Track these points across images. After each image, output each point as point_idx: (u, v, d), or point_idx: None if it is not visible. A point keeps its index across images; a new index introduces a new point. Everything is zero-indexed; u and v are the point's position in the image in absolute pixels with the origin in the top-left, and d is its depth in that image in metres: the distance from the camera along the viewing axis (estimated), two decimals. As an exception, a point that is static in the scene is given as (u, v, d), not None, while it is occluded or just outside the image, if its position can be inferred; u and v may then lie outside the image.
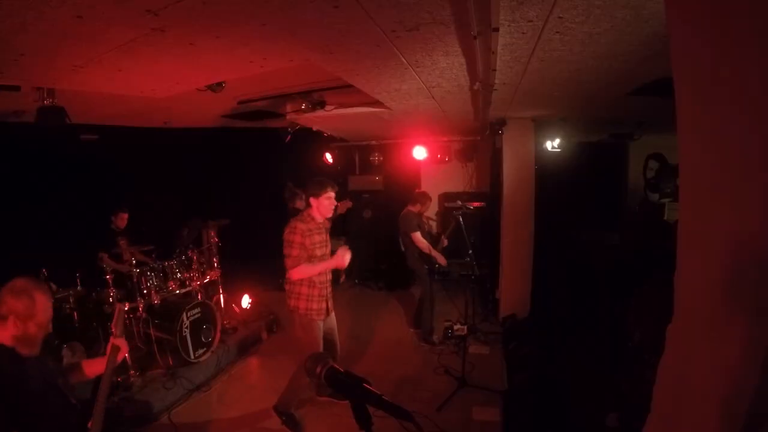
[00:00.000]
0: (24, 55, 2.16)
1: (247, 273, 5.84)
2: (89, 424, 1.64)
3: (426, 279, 4.59)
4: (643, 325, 2.44)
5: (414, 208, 4.71)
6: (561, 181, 7.23)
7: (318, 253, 3.02)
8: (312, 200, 3.00)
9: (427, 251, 4.49)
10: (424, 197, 4.80)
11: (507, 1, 1.66)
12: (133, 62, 2.39)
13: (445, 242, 4.76)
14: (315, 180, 3.05)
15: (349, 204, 5.01)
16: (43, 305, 1.60)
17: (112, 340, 1.83)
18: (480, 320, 5.10)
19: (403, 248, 4.75)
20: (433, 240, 4.79)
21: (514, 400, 3.31)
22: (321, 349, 2.96)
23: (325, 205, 3.00)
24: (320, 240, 3.05)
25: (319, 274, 3.00)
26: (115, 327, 1.87)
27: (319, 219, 3.05)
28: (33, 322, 1.57)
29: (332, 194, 3.00)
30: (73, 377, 1.90)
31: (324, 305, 3.06)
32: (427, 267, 4.56)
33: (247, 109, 4.57)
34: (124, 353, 1.89)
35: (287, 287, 3.04)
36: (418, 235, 4.49)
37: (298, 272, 2.93)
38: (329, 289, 3.12)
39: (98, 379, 1.75)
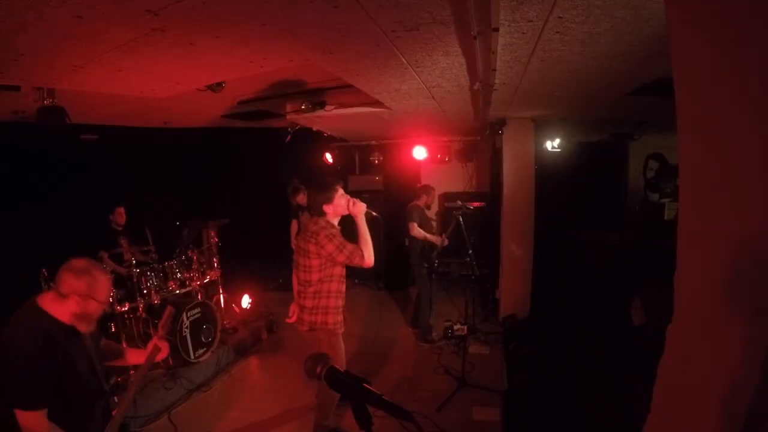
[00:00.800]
0: (24, 55, 2.16)
1: (247, 273, 5.84)
2: (113, 412, 1.69)
3: (424, 278, 4.60)
4: (650, 312, 2.43)
5: (420, 202, 4.77)
6: (561, 181, 7.22)
7: None
8: (326, 207, 2.74)
9: (421, 238, 4.56)
10: (428, 189, 4.86)
11: (507, 1, 1.66)
12: (133, 62, 2.39)
13: (446, 242, 4.74)
14: (320, 185, 2.79)
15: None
16: (104, 284, 1.66)
17: (155, 339, 1.90)
18: (480, 320, 5.10)
19: (407, 243, 4.80)
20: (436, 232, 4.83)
21: (514, 400, 3.31)
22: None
23: (341, 204, 2.77)
24: None
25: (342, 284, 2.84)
26: (162, 328, 1.95)
27: (336, 221, 2.84)
28: (94, 300, 1.62)
29: (341, 190, 2.81)
30: (112, 359, 1.96)
31: (343, 316, 2.86)
32: (426, 266, 4.57)
33: (247, 109, 4.57)
34: (164, 355, 1.94)
35: (311, 303, 2.70)
36: (413, 226, 4.55)
37: (370, 257, 2.67)
38: None
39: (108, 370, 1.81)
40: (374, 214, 2.85)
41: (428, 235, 4.59)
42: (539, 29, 1.96)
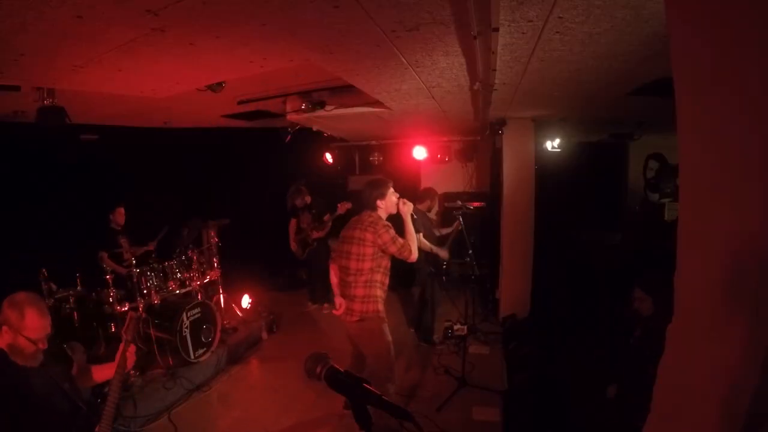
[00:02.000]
0: (24, 55, 2.16)
1: (247, 273, 5.84)
2: (96, 429, 1.64)
3: (428, 280, 4.59)
4: (658, 299, 2.41)
5: (422, 206, 4.67)
6: (561, 181, 7.22)
7: None
8: (379, 202, 2.82)
9: (428, 250, 4.47)
10: (432, 194, 4.77)
11: (507, 1, 1.66)
12: (133, 62, 2.39)
13: (446, 254, 4.61)
14: (375, 182, 2.87)
15: (348, 205, 5.00)
16: (32, 322, 1.60)
17: (122, 347, 1.83)
18: (480, 320, 5.10)
19: None
20: (440, 242, 4.75)
21: (514, 400, 3.31)
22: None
23: (392, 201, 2.85)
24: None
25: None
26: (126, 333, 1.88)
27: (385, 216, 2.90)
28: (22, 336, 1.58)
29: (392, 189, 2.89)
30: (82, 381, 1.91)
31: None
32: (432, 269, 4.55)
33: (247, 109, 4.57)
34: (132, 362, 1.88)
35: (363, 291, 2.74)
36: (417, 236, 4.46)
37: (415, 252, 2.79)
38: None
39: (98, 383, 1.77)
40: (414, 216, 2.93)
41: (434, 248, 4.48)
42: (539, 29, 1.96)
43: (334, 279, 2.99)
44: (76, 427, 1.68)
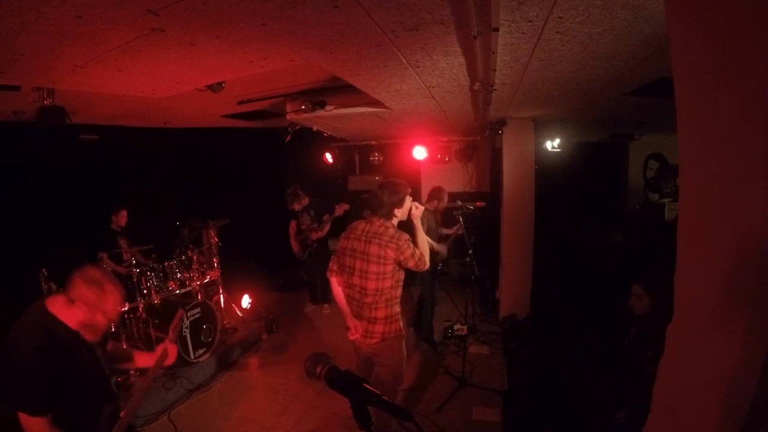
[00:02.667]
0: (24, 55, 2.16)
1: (247, 273, 5.85)
2: (122, 414, 1.67)
3: (427, 279, 4.59)
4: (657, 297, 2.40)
5: (430, 206, 4.62)
6: (561, 181, 7.23)
7: None
8: (396, 210, 2.51)
9: (432, 248, 4.46)
10: (441, 194, 4.68)
11: (507, 1, 1.66)
12: (133, 62, 2.39)
13: (445, 252, 4.59)
14: (393, 187, 2.52)
15: (346, 207, 5.01)
16: (114, 297, 1.62)
17: (166, 342, 1.88)
18: (480, 320, 5.10)
19: None
20: (441, 241, 4.77)
21: (514, 400, 3.31)
22: None
23: (407, 209, 2.58)
24: None
25: None
26: (173, 331, 1.93)
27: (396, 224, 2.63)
28: (101, 312, 1.59)
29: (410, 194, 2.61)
30: (122, 363, 1.95)
31: None
32: (429, 268, 4.53)
33: (247, 109, 4.57)
34: (172, 360, 1.90)
35: (384, 312, 2.50)
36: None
37: (428, 261, 2.56)
38: None
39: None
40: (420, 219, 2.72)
41: (435, 245, 4.49)
42: (539, 29, 1.96)
43: (339, 296, 2.66)
44: (105, 409, 1.71)
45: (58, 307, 1.58)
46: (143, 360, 1.97)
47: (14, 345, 1.49)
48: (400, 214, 2.53)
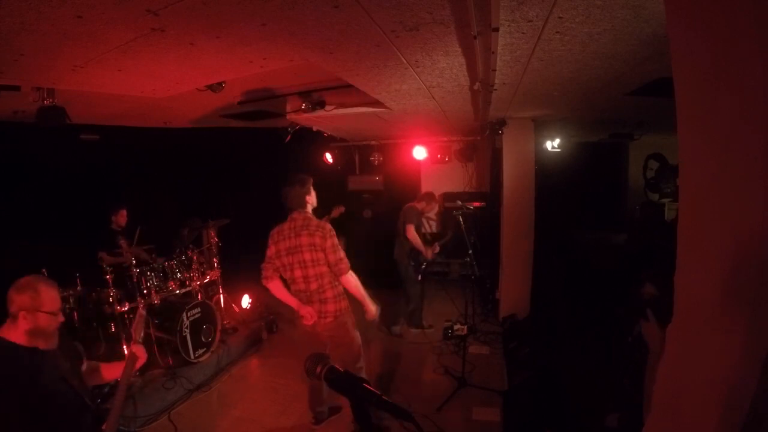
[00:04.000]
0: (24, 55, 2.16)
1: (247, 273, 5.83)
2: (104, 427, 1.65)
3: (410, 273, 4.72)
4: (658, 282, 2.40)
5: (419, 205, 4.81)
6: (561, 181, 7.22)
7: None
8: (308, 197, 2.82)
9: (415, 243, 4.61)
10: (430, 198, 4.90)
11: (507, 1, 1.66)
12: (133, 62, 2.39)
13: (437, 249, 4.84)
14: (300, 178, 2.81)
15: (342, 209, 5.03)
16: (47, 295, 1.63)
17: (132, 345, 1.86)
18: (480, 320, 5.10)
19: (397, 241, 4.85)
20: (427, 241, 4.84)
21: (514, 400, 3.31)
22: None
23: (314, 194, 2.89)
24: None
25: None
26: (135, 332, 1.90)
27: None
28: (42, 313, 1.60)
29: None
30: (91, 380, 1.92)
31: None
32: (413, 264, 4.68)
33: (247, 109, 4.57)
34: (142, 361, 1.89)
35: (332, 292, 2.75)
36: (410, 229, 4.59)
37: (351, 276, 2.76)
38: None
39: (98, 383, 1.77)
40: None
41: (422, 247, 4.65)
42: (539, 29, 1.96)
43: (283, 295, 2.80)
44: (83, 423, 1.68)
45: (5, 330, 1.58)
46: (111, 371, 1.96)
47: None
48: (311, 201, 2.81)
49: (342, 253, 2.72)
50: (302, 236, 2.67)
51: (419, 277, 4.71)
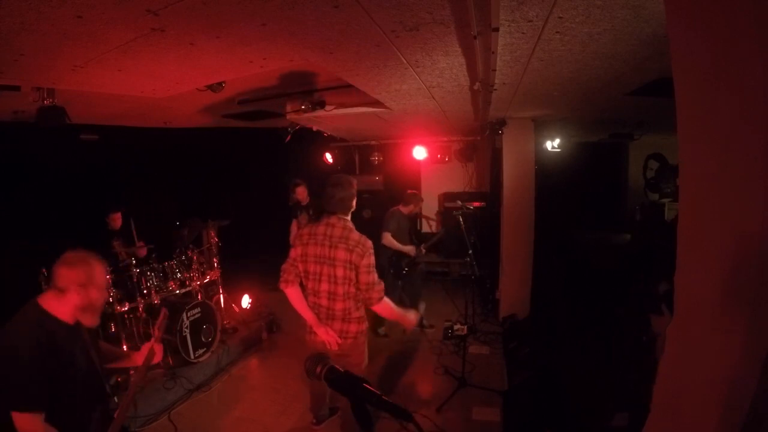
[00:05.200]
0: (24, 55, 2.16)
1: (247, 273, 5.84)
2: (115, 415, 1.68)
3: (388, 279, 4.64)
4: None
5: (405, 209, 4.75)
6: (561, 181, 7.22)
7: None
8: (354, 202, 2.53)
9: (394, 248, 4.57)
10: (414, 198, 4.81)
11: (507, 1, 1.66)
12: (133, 62, 2.39)
13: (423, 251, 4.75)
14: (346, 180, 2.50)
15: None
16: (100, 270, 1.68)
17: (152, 342, 1.92)
18: (480, 320, 5.10)
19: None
20: (413, 243, 4.78)
21: (514, 400, 3.31)
22: None
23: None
24: None
25: None
26: (158, 330, 1.96)
27: None
28: (94, 287, 1.63)
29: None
30: (113, 363, 1.99)
31: None
32: (392, 271, 4.64)
33: (247, 109, 4.57)
34: (159, 359, 1.94)
35: (358, 313, 2.51)
36: (386, 236, 4.55)
37: (386, 302, 2.46)
38: None
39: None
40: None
41: (402, 247, 4.58)
42: (539, 29, 1.96)
43: (301, 305, 2.53)
44: (98, 408, 1.72)
45: (49, 302, 1.59)
46: (138, 358, 1.99)
47: (8, 344, 1.49)
48: (354, 205, 2.52)
49: (376, 276, 2.42)
50: (339, 249, 2.36)
51: (398, 281, 4.66)
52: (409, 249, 4.60)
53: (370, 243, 2.42)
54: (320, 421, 3.07)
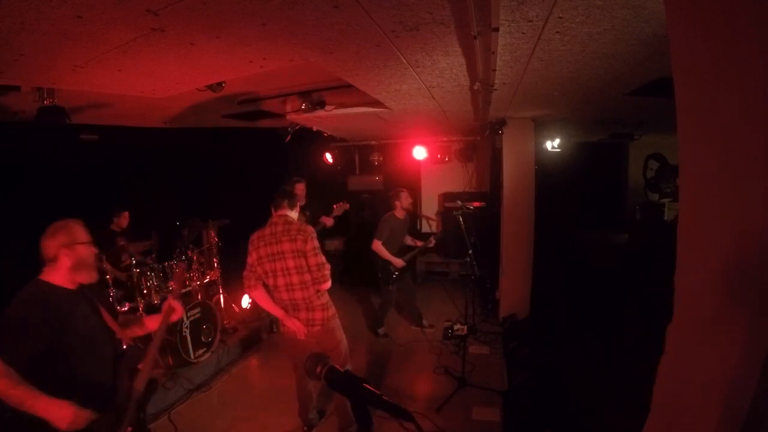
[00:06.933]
0: (24, 55, 2.16)
1: (247, 273, 5.82)
2: (140, 366, 1.79)
3: (383, 287, 4.72)
4: None
5: (399, 213, 4.66)
6: (561, 181, 7.23)
7: None
8: (288, 199, 2.79)
9: (383, 256, 4.52)
10: (397, 194, 4.69)
11: (507, 1, 1.66)
12: (133, 62, 2.39)
13: (402, 262, 4.65)
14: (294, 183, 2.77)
15: (346, 206, 4.79)
16: (79, 228, 1.81)
17: (170, 299, 1.99)
18: (480, 320, 5.10)
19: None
20: (403, 251, 4.74)
21: (514, 400, 3.31)
22: None
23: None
24: None
25: None
26: (175, 283, 2.09)
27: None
28: (79, 244, 1.75)
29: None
30: (134, 330, 2.07)
31: None
32: (380, 275, 4.64)
33: (247, 109, 4.57)
34: (179, 315, 2.04)
35: (320, 300, 2.71)
36: (375, 243, 4.50)
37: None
38: None
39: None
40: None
41: (391, 258, 4.52)
42: (539, 29, 1.96)
43: (267, 304, 2.75)
44: (112, 366, 1.81)
45: (47, 274, 1.70)
46: (152, 322, 2.10)
47: (6, 309, 1.59)
48: (292, 201, 2.75)
49: (323, 258, 2.63)
50: (283, 242, 2.58)
51: (389, 287, 4.65)
52: (397, 261, 4.54)
53: (311, 228, 2.65)
54: (311, 426, 3.08)
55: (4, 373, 1.45)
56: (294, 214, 2.76)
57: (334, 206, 4.87)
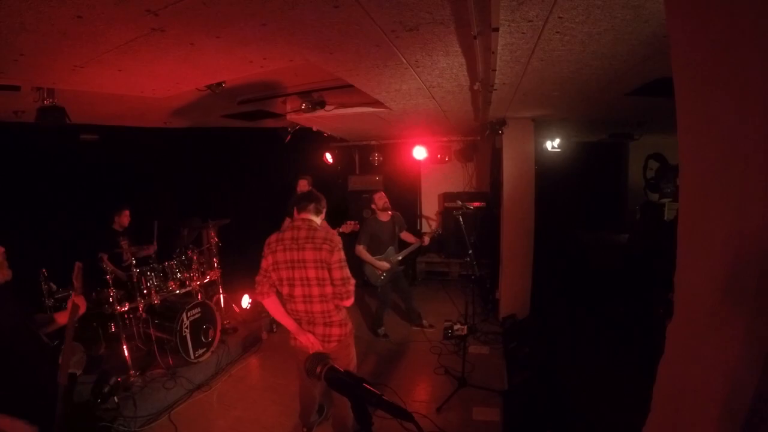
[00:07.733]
0: (24, 55, 2.16)
1: (248, 273, 5.82)
2: (59, 360, 1.87)
3: (380, 286, 4.72)
4: None
5: (380, 216, 4.60)
6: (561, 181, 7.23)
7: None
8: (324, 212, 2.58)
9: (366, 261, 4.49)
10: (372, 199, 4.64)
11: (507, 1, 1.66)
12: (133, 62, 2.39)
13: (386, 266, 4.60)
14: (318, 195, 2.56)
15: (356, 227, 4.16)
16: None
17: (73, 296, 2.06)
18: (480, 320, 5.10)
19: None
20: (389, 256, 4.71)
21: (514, 400, 3.31)
22: None
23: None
24: None
25: None
26: (76, 281, 2.11)
27: None
28: None
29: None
30: (47, 327, 2.14)
31: None
32: (369, 278, 4.61)
33: (247, 109, 4.57)
34: (83, 311, 2.10)
35: (338, 316, 2.47)
36: (358, 248, 4.43)
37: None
38: None
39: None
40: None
41: (374, 261, 4.47)
42: (539, 29, 1.96)
43: (280, 314, 2.48)
44: (43, 358, 1.89)
45: None
46: (61, 318, 2.15)
47: None
48: (324, 213, 2.56)
49: (348, 272, 2.39)
50: (306, 250, 2.33)
51: (378, 288, 4.67)
52: (380, 264, 4.48)
53: (338, 238, 2.39)
54: (311, 428, 3.06)
55: None
56: (318, 221, 2.50)
57: (343, 225, 4.42)
